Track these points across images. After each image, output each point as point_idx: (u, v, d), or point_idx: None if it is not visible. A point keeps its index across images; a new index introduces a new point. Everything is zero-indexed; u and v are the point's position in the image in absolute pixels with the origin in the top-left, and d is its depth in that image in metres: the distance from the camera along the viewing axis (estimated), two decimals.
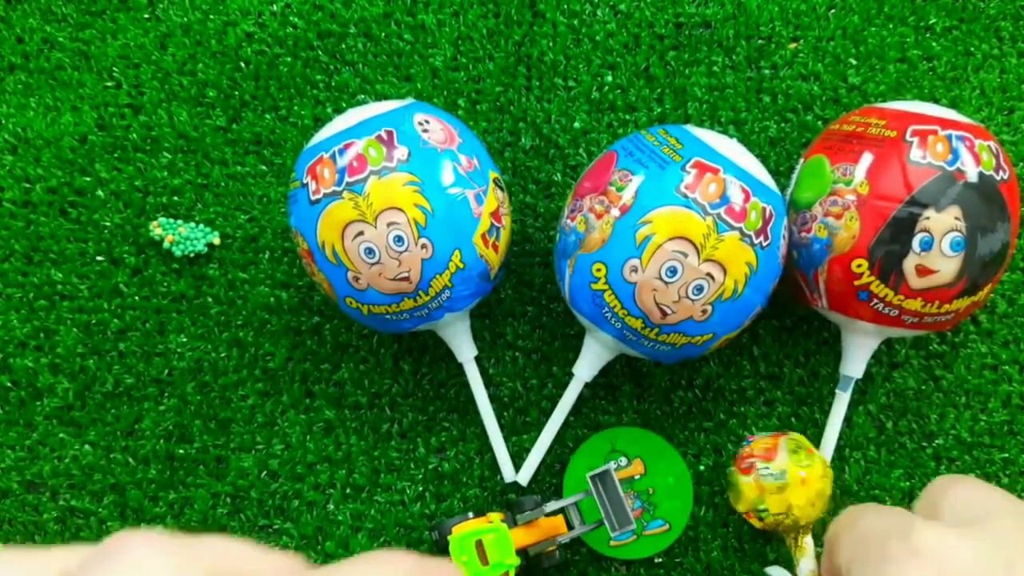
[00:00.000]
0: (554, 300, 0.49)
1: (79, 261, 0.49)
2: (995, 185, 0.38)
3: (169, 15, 0.51)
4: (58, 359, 0.48)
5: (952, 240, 0.37)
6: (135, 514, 0.47)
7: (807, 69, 0.50)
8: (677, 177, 0.37)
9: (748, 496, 0.40)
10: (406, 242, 0.38)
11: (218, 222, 0.49)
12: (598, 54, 0.50)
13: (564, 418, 0.46)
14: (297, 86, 0.50)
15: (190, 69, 0.51)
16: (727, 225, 0.37)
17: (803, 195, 0.41)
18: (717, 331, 0.39)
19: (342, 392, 0.48)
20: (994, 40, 0.50)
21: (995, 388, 0.47)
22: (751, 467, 0.40)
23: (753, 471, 0.40)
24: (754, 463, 0.40)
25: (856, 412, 0.47)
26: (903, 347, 0.48)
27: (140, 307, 0.49)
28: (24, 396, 0.48)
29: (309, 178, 0.39)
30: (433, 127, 0.40)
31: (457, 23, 0.51)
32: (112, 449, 0.47)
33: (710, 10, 0.51)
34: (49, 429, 0.48)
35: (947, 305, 0.39)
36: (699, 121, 0.50)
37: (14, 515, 0.47)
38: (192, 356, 0.48)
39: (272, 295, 0.49)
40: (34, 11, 0.51)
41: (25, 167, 0.50)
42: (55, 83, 0.51)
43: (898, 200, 0.38)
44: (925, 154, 0.38)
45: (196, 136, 0.50)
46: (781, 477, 0.39)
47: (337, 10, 0.51)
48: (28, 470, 0.47)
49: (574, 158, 0.50)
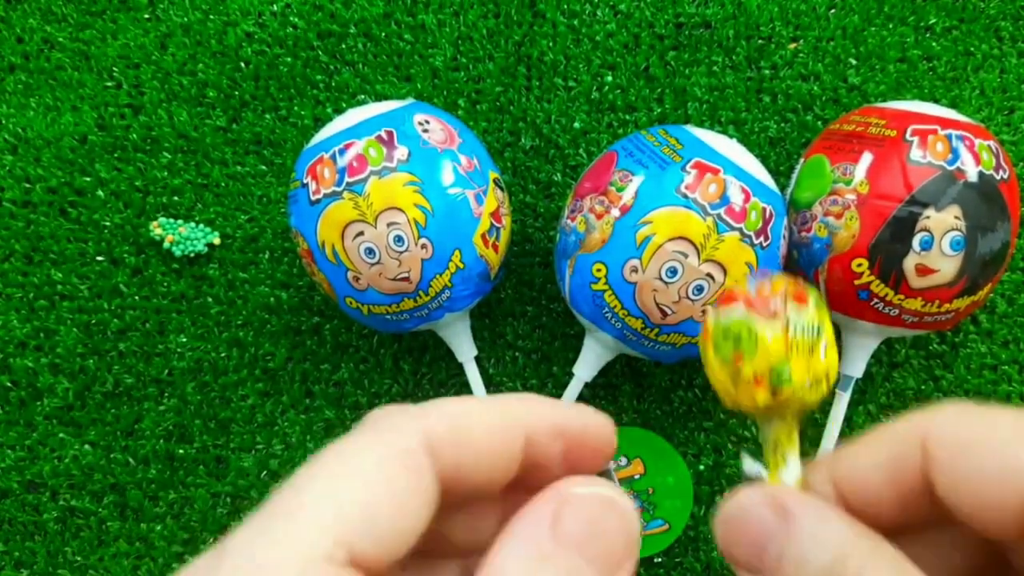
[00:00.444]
0: (554, 300, 0.49)
1: (79, 261, 0.49)
2: (995, 185, 0.38)
3: (169, 15, 0.51)
4: (58, 359, 0.48)
5: (952, 239, 0.37)
6: (135, 514, 0.47)
7: (807, 69, 0.50)
8: (677, 177, 0.37)
9: (771, 352, 0.24)
10: (406, 242, 0.38)
11: (218, 222, 0.49)
12: (598, 54, 0.50)
13: None
14: (297, 86, 0.50)
15: (190, 69, 0.51)
16: (727, 225, 0.37)
17: (803, 195, 0.41)
18: None
19: (342, 392, 0.48)
20: (994, 40, 0.50)
21: (995, 388, 0.47)
22: (777, 312, 0.25)
23: (781, 317, 0.25)
24: (782, 307, 0.25)
25: (856, 412, 0.47)
26: (903, 347, 0.48)
27: (140, 307, 0.49)
28: (24, 396, 0.48)
29: (309, 178, 0.39)
30: (433, 127, 0.40)
31: (457, 23, 0.51)
32: (112, 449, 0.47)
33: (710, 10, 0.51)
34: (49, 429, 0.48)
35: (947, 304, 0.39)
36: (699, 121, 0.50)
37: (14, 515, 0.47)
38: (192, 356, 0.48)
39: (272, 295, 0.49)
40: (34, 11, 0.51)
41: (25, 167, 0.50)
42: (55, 83, 0.51)
43: (898, 199, 0.38)
44: (925, 154, 0.38)
45: (196, 136, 0.50)
46: (817, 333, 0.25)
47: (337, 10, 0.51)
48: (28, 470, 0.47)
49: (574, 158, 0.50)
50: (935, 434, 0.16)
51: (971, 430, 0.16)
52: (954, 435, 0.16)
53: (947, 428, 0.16)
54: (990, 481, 0.15)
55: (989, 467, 0.15)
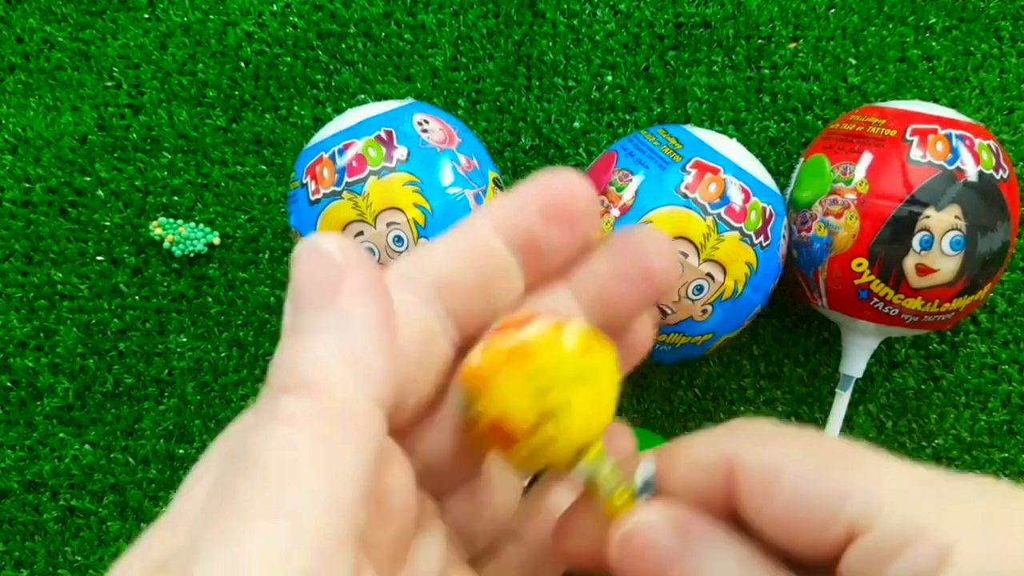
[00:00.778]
0: None
1: (79, 261, 0.49)
2: (995, 184, 0.38)
3: (169, 15, 0.51)
4: (58, 359, 0.48)
5: (952, 239, 0.37)
6: (135, 514, 0.47)
7: (807, 69, 0.50)
8: (677, 177, 0.37)
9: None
10: (406, 242, 0.38)
11: (218, 222, 0.49)
12: (598, 54, 0.50)
13: None
14: (297, 86, 0.50)
15: (190, 69, 0.51)
16: (727, 225, 0.37)
17: (803, 194, 0.41)
18: (717, 331, 0.39)
19: None
20: (994, 40, 0.50)
21: (995, 388, 0.47)
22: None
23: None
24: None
25: (856, 412, 0.47)
26: (903, 347, 0.48)
27: (140, 307, 0.49)
28: (24, 396, 0.48)
29: (308, 178, 0.39)
30: (433, 127, 0.40)
31: (457, 23, 0.51)
32: (112, 449, 0.47)
33: (710, 10, 0.51)
34: (49, 429, 0.48)
35: (947, 304, 0.39)
36: (699, 121, 0.50)
37: (14, 515, 0.47)
38: (192, 356, 0.48)
39: (272, 295, 0.49)
40: (34, 11, 0.51)
41: (25, 167, 0.50)
42: (55, 83, 0.51)
43: (898, 199, 0.38)
44: (925, 153, 0.38)
45: (196, 136, 0.50)
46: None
47: (337, 10, 0.51)
48: (28, 470, 0.47)
49: (574, 158, 0.50)
50: (742, 459, 0.16)
51: (776, 454, 0.15)
52: (759, 461, 0.15)
53: (751, 454, 0.16)
54: (799, 508, 0.15)
55: (797, 494, 0.15)
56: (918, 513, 0.14)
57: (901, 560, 0.13)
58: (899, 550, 0.13)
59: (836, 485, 0.14)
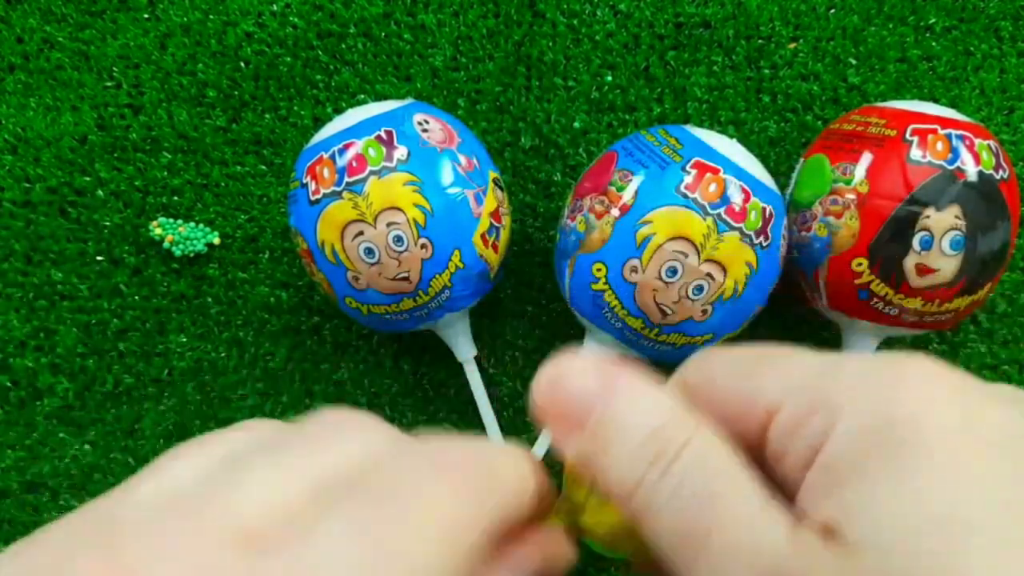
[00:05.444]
0: (554, 300, 0.49)
1: (79, 261, 0.49)
2: (995, 184, 0.38)
3: (169, 15, 0.51)
4: (58, 359, 0.48)
5: (952, 239, 0.37)
6: None
7: (807, 69, 0.50)
8: (677, 177, 0.37)
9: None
10: (406, 242, 0.38)
11: (218, 222, 0.49)
12: (598, 54, 0.50)
13: None
14: (297, 86, 0.50)
15: (190, 69, 0.51)
16: (727, 225, 0.37)
17: (803, 194, 0.41)
18: (717, 331, 0.39)
19: (342, 392, 0.48)
20: (994, 40, 0.50)
21: None
22: None
23: None
24: None
25: None
26: (903, 347, 0.48)
27: (140, 307, 0.49)
28: (24, 396, 0.48)
29: (309, 178, 0.39)
30: (433, 127, 0.40)
31: (457, 23, 0.51)
32: (112, 449, 0.47)
33: (710, 10, 0.51)
34: (49, 429, 0.48)
35: (947, 304, 0.39)
36: (699, 121, 0.50)
37: (14, 515, 0.47)
38: (192, 356, 0.48)
39: (272, 295, 0.49)
40: (34, 11, 0.52)
41: (25, 167, 0.50)
42: (55, 83, 0.51)
43: (898, 199, 0.38)
44: (925, 153, 0.38)
45: (196, 136, 0.50)
46: None
47: (337, 10, 0.51)
48: (28, 470, 0.47)
49: (574, 158, 0.50)
50: (686, 379, 0.19)
51: (708, 368, 0.19)
52: (699, 376, 0.19)
53: (693, 373, 0.19)
54: (729, 404, 0.18)
55: (726, 391, 0.18)
56: (816, 389, 0.16)
57: (806, 427, 0.16)
58: (803, 420, 0.16)
59: (754, 381, 0.18)
